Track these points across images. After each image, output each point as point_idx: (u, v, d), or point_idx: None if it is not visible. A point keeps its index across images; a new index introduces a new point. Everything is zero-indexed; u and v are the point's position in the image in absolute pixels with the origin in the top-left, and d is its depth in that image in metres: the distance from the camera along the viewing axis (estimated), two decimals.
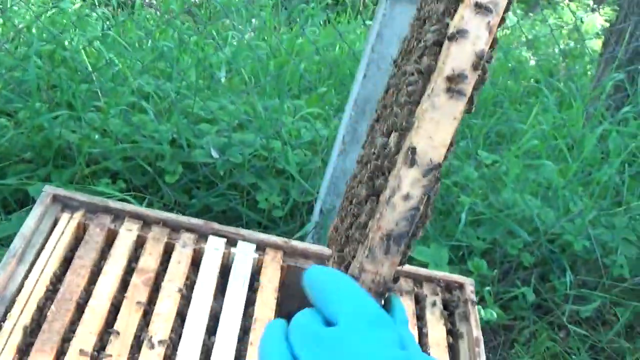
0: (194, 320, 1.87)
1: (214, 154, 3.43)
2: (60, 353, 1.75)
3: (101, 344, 1.79)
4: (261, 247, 2.12)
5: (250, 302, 1.98)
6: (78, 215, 2.08)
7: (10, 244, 2.27)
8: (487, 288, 3.38)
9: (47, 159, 3.41)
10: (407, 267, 2.18)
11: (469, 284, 2.18)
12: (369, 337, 0.84)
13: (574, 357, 3.47)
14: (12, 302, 1.83)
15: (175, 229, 2.11)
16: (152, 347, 1.77)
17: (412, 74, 1.07)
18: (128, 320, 1.83)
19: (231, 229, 2.13)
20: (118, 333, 1.79)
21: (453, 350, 2.02)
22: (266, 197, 3.34)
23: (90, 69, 3.77)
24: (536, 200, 3.72)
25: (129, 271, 1.98)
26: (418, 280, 2.16)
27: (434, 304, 2.10)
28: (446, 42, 0.99)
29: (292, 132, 3.66)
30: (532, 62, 6.46)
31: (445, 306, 2.12)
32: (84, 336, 1.77)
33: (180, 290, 1.93)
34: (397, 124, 1.07)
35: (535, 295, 3.53)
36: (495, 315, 3.21)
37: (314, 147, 3.71)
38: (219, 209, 3.37)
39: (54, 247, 1.98)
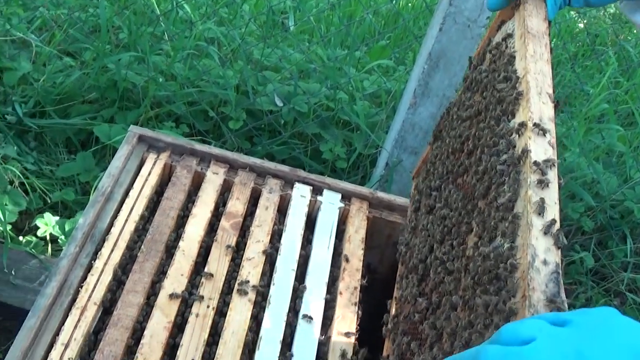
0: (284, 267, 1.87)
1: (278, 102, 3.40)
2: (151, 294, 1.76)
3: (191, 286, 1.80)
4: (346, 197, 2.10)
5: (337, 252, 1.97)
6: (164, 156, 2.08)
7: (74, 184, 2.27)
8: None
9: (112, 101, 3.40)
10: None
11: None
12: None
13: None
14: (102, 241, 1.84)
15: (261, 174, 2.10)
16: (244, 292, 1.77)
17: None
18: (218, 264, 1.84)
19: (317, 177, 2.12)
20: (211, 275, 1.79)
21: None
22: (330, 147, 3.31)
23: (157, 12, 3.74)
24: (598, 165, 3.67)
25: (217, 214, 1.98)
26: None
27: None
28: None
29: (357, 83, 3.62)
30: (581, 26, 6.32)
31: None
32: (175, 278, 1.78)
33: (269, 234, 1.93)
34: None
35: (593, 260, 3.50)
36: None
37: (378, 100, 3.67)
38: (281, 157, 3.35)
39: (142, 187, 1.98)
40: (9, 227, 2.89)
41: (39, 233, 2.89)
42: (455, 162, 1.59)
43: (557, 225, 1.13)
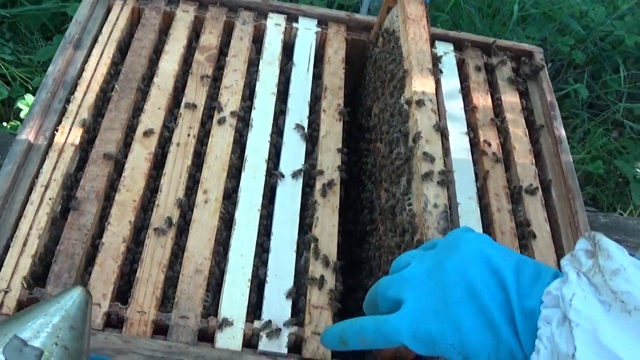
0: (263, 91, 1.82)
1: None
2: (130, 129, 1.71)
3: (170, 119, 1.75)
4: (323, 22, 2.04)
5: (318, 75, 1.92)
6: (131, 1, 2.00)
7: None
8: None
9: None
10: (476, 37, 2.10)
11: (537, 52, 2.10)
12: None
13: (628, 153, 3.42)
14: (75, 85, 1.78)
15: (232, 8, 2.02)
16: (224, 119, 1.73)
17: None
18: (195, 94, 1.79)
19: (291, 5, 2.05)
20: (191, 105, 1.74)
21: (528, 115, 1.96)
22: None
23: None
24: None
25: (190, 50, 1.92)
26: (486, 49, 2.08)
27: (504, 71, 2.03)
28: None
29: None
30: None
31: (516, 74, 2.05)
32: (152, 112, 1.73)
33: (246, 63, 1.87)
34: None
35: (587, 92, 3.44)
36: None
37: None
38: None
39: (111, 31, 1.91)
40: None
41: (22, 115, 2.84)
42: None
43: (442, 174, 1.47)
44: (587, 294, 0.86)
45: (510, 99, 1.95)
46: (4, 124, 2.94)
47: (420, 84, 1.65)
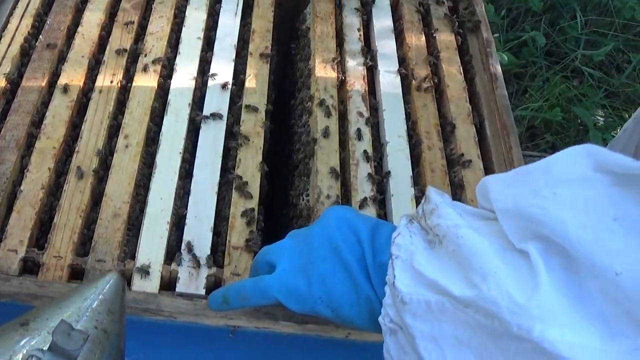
0: (189, 37, 1.79)
1: None
2: (54, 76, 1.68)
3: (92, 68, 1.72)
4: None
5: (247, 19, 1.89)
6: None
7: None
8: (496, 35, 3.27)
9: None
10: None
11: None
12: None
13: (587, 100, 3.40)
14: None
15: None
16: (148, 64, 1.70)
17: None
18: (120, 42, 1.76)
19: None
20: (118, 52, 1.71)
21: (462, 52, 1.94)
22: None
23: None
24: None
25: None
26: None
27: (440, 11, 2.00)
28: None
29: None
30: None
31: (452, 10, 2.02)
32: (76, 60, 1.70)
33: (173, 9, 1.84)
34: None
35: (544, 39, 3.42)
36: (506, 58, 3.12)
37: None
38: None
39: None
40: None
41: None
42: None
43: (336, 172, 1.57)
44: (413, 234, 0.99)
45: (445, 37, 1.92)
46: None
47: (322, 82, 1.74)
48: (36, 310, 0.86)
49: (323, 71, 1.77)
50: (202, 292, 1.36)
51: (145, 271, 1.35)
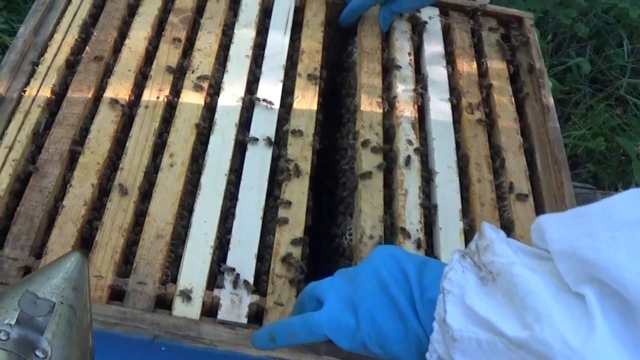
0: (237, 54, 1.76)
1: None
2: (100, 89, 1.66)
3: (142, 74, 1.70)
4: None
5: (295, 37, 1.86)
6: None
7: None
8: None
9: None
10: (463, 1, 2.03)
11: (527, 17, 2.02)
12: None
13: (632, 130, 3.33)
14: (45, 47, 1.72)
15: None
16: (195, 81, 1.67)
17: None
18: (168, 57, 1.73)
19: None
20: (165, 68, 1.69)
21: (516, 82, 1.89)
22: None
23: None
24: None
25: (165, 12, 1.86)
26: (473, 15, 2.01)
27: (492, 37, 1.96)
28: None
29: None
30: None
31: (503, 38, 1.98)
32: (122, 74, 1.68)
33: (221, 25, 1.81)
34: None
35: (590, 66, 3.35)
36: (550, 84, 3.06)
37: None
38: None
39: None
40: None
41: None
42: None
43: (380, 211, 1.54)
44: (466, 269, 0.97)
45: (497, 65, 1.88)
46: None
47: (368, 118, 1.70)
48: (3, 291, 0.86)
49: (369, 107, 1.72)
50: (244, 320, 1.32)
51: (187, 296, 1.32)
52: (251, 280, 1.37)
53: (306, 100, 1.69)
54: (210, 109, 1.65)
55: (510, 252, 0.94)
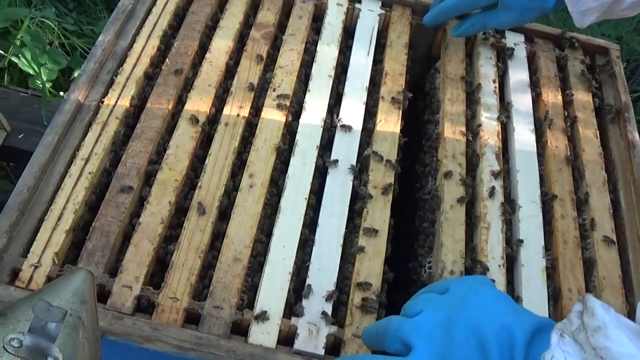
0: (320, 73, 1.73)
1: None
2: (178, 103, 1.64)
3: (220, 97, 1.67)
4: (387, 4, 1.93)
5: (379, 59, 1.82)
6: None
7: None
8: None
9: None
10: (549, 29, 1.97)
11: (614, 49, 1.96)
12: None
13: None
14: (124, 57, 1.70)
15: None
16: (276, 100, 1.64)
17: None
18: (249, 73, 1.70)
19: None
20: (246, 85, 1.66)
21: (600, 115, 1.83)
22: None
23: None
24: None
25: (246, 26, 1.83)
26: (559, 43, 1.95)
27: (577, 67, 1.90)
28: None
29: None
30: None
31: (589, 70, 1.92)
32: (202, 89, 1.65)
33: (303, 42, 1.77)
34: None
35: None
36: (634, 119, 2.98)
37: None
38: None
39: (166, 3, 1.83)
40: (49, 85, 2.81)
41: None
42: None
43: (461, 246, 1.49)
44: (568, 355, 0.91)
45: (582, 97, 1.82)
46: (61, 93, 2.90)
47: (451, 147, 1.65)
48: (13, 304, 0.89)
49: (452, 135, 1.67)
50: (321, 352, 1.29)
51: (263, 323, 1.29)
52: (329, 311, 1.33)
53: (389, 125, 1.65)
54: (291, 129, 1.62)
55: (628, 343, 0.88)
